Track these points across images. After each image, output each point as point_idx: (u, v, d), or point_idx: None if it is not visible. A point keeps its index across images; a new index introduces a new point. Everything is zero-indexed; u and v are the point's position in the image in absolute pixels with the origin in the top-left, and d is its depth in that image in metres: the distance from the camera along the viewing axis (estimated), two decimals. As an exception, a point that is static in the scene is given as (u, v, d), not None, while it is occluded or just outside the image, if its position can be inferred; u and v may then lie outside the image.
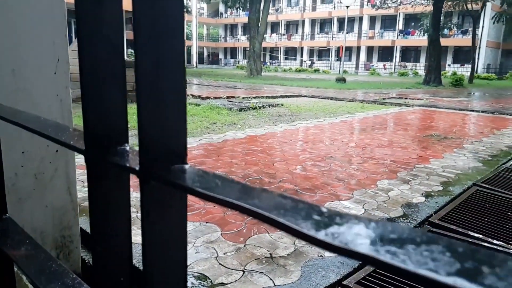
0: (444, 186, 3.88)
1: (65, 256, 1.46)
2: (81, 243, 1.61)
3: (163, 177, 0.44)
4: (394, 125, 7.82)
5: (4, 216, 1.07)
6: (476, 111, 10.57)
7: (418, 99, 13.81)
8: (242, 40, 54.63)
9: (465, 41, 36.50)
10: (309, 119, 8.03)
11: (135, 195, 2.79)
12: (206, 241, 2.56)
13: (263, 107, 9.71)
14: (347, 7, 21.39)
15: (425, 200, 3.45)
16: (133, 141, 0.43)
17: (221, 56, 58.82)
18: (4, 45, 1.22)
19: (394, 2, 25.99)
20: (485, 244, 2.68)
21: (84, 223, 2.30)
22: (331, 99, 12.91)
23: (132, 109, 0.60)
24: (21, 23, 1.25)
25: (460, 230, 2.89)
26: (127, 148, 0.55)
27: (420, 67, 40.16)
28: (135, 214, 2.87)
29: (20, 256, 0.91)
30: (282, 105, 10.42)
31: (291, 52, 51.66)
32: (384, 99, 13.32)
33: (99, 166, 0.53)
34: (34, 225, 1.36)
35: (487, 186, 3.88)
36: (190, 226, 2.74)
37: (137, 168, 0.45)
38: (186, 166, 0.46)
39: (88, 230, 2.49)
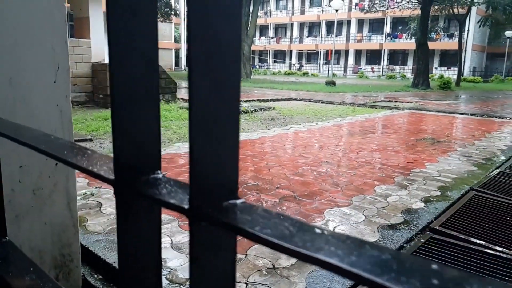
0: (441, 191, 3.86)
1: (64, 276, 1.38)
2: (81, 261, 1.52)
3: (216, 217, 0.37)
4: (386, 129, 7.82)
5: (4, 240, 0.98)
6: (466, 114, 10.67)
7: (407, 102, 13.90)
8: (230, 43, 54.53)
9: (451, 44, 37.02)
10: (301, 123, 8.00)
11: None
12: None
13: (255, 111, 9.65)
14: (337, 10, 21.51)
15: (424, 206, 3.42)
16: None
17: (209, 59, 58.60)
18: (1, 52, 1.14)
19: (382, 6, 26.22)
20: (488, 250, 2.65)
21: (82, 239, 2.21)
22: (322, 103, 12.92)
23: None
24: (19, 28, 1.16)
25: (462, 236, 2.86)
26: (160, 176, 0.48)
27: (408, 70, 40.60)
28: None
29: (23, 286, 0.83)
30: (273, 108, 10.38)
31: (280, 55, 51.79)
32: (374, 102, 13.38)
33: (131, 198, 0.46)
34: (32, 244, 1.27)
35: (484, 190, 3.88)
36: (186, 233, 2.66)
37: (185, 207, 0.38)
38: (239, 202, 0.40)
39: (88, 246, 2.39)
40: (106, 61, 11.25)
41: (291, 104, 12.11)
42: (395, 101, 13.99)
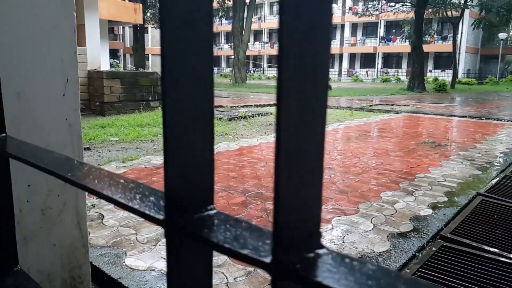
0: (448, 196, 3.81)
1: (74, 300, 1.30)
2: (91, 283, 1.44)
3: (300, 274, 0.31)
4: (386, 133, 7.79)
5: (16, 268, 0.91)
6: (464, 116, 10.67)
7: (404, 105, 13.91)
8: (225, 49, 54.67)
9: (445, 47, 37.27)
10: (301, 128, 7.93)
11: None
12: (214, 264, 2.40)
13: (253, 116, 9.60)
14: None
15: (432, 213, 3.37)
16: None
17: (204, 64, 58.61)
18: (8, 65, 1.06)
19: (376, 9, 26.34)
20: (502, 259, 2.60)
21: (92, 259, 2.12)
22: (319, 107, 12.87)
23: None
24: (26, 40, 1.08)
25: (474, 244, 2.80)
26: (214, 212, 0.42)
27: (402, 73, 40.80)
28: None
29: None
30: (271, 113, 10.32)
31: (274, 60, 51.82)
32: (371, 105, 13.37)
33: (183, 239, 0.40)
34: (41, 267, 1.20)
35: (491, 195, 3.83)
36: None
37: (267, 261, 0.31)
38: (321, 253, 0.33)
39: (91, 261, 2.31)
40: (102, 68, 11.16)
41: (289, 109, 12.04)
42: (392, 105, 13.99)
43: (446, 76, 35.53)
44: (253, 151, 5.69)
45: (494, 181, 4.31)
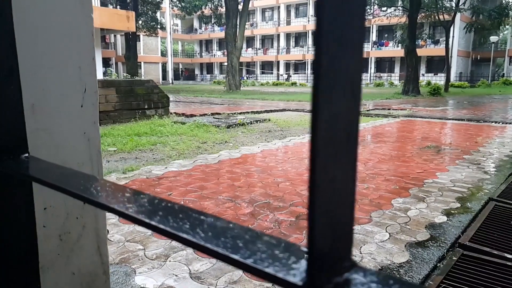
0: (460, 202, 3.72)
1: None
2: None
3: None
4: (387, 138, 7.72)
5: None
6: (462, 120, 10.66)
7: (401, 109, 13.90)
8: (218, 56, 54.69)
9: (437, 50, 37.56)
10: (301, 134, 7.85)
11: None
12: (229, 281, 2.28)
13: (251, 123, 9.49)
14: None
15: (447, 220, 3.27)
16: None
17: (197, 71, 58.61)
18: (22, 76, 0.93)
19: (370, 14, 26.49)
20: (527, 267, 2.50)
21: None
22: (316, 112, 12.81)
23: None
24: (41, 46, 0.96)
25: (495, 252, 2.71)
26: (360, 278, 0.31)
27: (395, 77, 41.02)
28: None
29: None
30: (269, 120, 10.23)
31: (267, 66, 51.97)
32: (368, 110, 13.34)
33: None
34: (59, 299, 1.07)
35: (504, 200, 3.75)
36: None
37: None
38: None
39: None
40: (98, 77, 11.01)
41: (286, 115, 11.99)
42: (389, 109, 13.97)
43: (438, 79, 35.77)
44: (256, 159, 5.58)
45: (504, 185, 4.24)
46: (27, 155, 0.70)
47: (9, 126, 0.69)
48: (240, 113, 11.97)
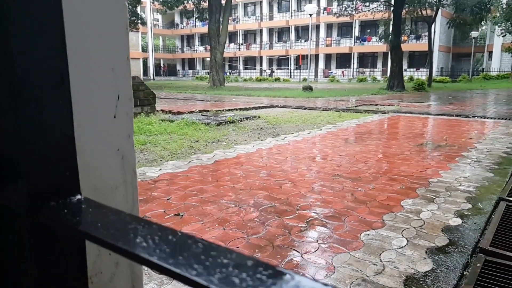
0: (471, 202, 3.61)
1: None
2: None
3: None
4: (381, 134, 7.64)
5: None
6: (451, 115, 10.68)
7: (388, 105, 13.90)
8: (200, 51, 54.08)
9: (418, 46, 37.96)
10: (294, 132, 7.69)
11: None
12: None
13: (241, 121, 9.28)
14: (310, 15, 21.42)
15: (462, 222, 3.15)
16: None
17: (178, 67, 57.85)
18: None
19: (355, 9, 26.47)
20: (556, 274, 2.39)
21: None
22: (305, 109, 12.70)
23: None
24: (73, 47, 0.73)
25: (519, 257, 2.60)
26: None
27: (378, 73, 41.32)
28: None
29: None
30: (258, 117, 10.04)
31: (250, 62, 51.66)
32: (356, 106, 13.29)
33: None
34: None
35: (514, 199, 3.66)
36: None
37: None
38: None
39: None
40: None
41: (275, 111, 11.82)
42: (376, 104, 13.96)
43: (420, 74, 36.18)
44: (253, 158, 5.38)
45: (510, 185, 4.15)
46: (80, 197, 0.50)
47: (57, 154, 0.48)
48: (228, 110, 11.74)
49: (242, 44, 51.71)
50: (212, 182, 4.21)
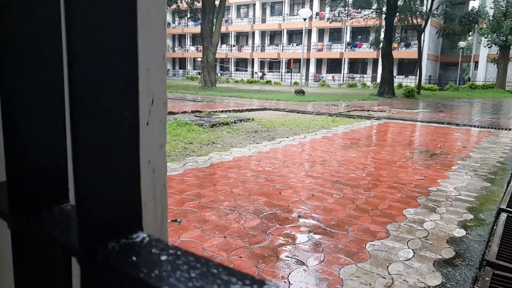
0: (473, 213, 3.58)
1: None
2: None
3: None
4: (376, 141, 7.62)
5: None
6: (442, 123, 10.75)
7: (380, 111, 13.96)
8: (191, 51, 53.81)
9: (408, 53, 38.36)
10: (289, 136, 7.63)
11: None
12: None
13: (235, 122, 9.19)
14: (304, 19, 21.45)
15: (466, 233, 3.12)
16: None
17: (169, 66, 57.46)
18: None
19: (347, 15, 26.62)
20: None
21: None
22: (298, 112, 12.66)
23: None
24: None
25: (526, 271, 2.56)
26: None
27: (368, 79, 41.62)
28: None
29: None
30: (252, 119, 9.96)
31: (242, 64, 51.59)
32: (349, 111, 13.31)
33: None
34: None
35: (514, 211, 3.65)
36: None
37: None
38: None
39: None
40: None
41: (268, 114, 11.75)
42: (368, 110, 14.01)
43: (409, 81, 36.54)
44: (250, 162, 5.30)
45: (508, 195, 4.15)
46: (145, 236, 0.41)
47: (125, 179, 0.39)
48: (222, 111, 11.63)
49: (234, 46, 51.62)
50: (209, 187, 4.11)
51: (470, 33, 29.72)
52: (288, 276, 2.35)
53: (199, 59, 36.81)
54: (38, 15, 0.40)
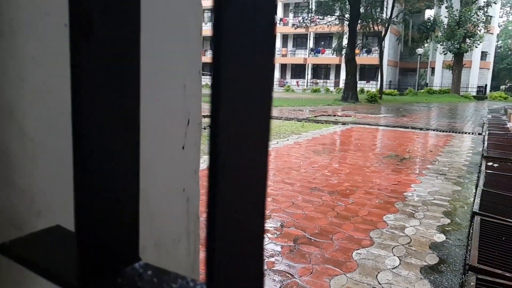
0: (449, 217, 3.67)
1: None
2: None
3: None
4: (346, 146, 7.73)
5: None
6: (406, 127, 11.08)
7: (346, 116, 14.22)
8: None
9: (369, 59, 39.49)
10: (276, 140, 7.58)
11: None
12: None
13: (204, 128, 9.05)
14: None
15: (446, 238, 3.18)
16: None
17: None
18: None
19: (312, 21, 27.06)
20: (546, 291, 2.44)
21: None
22: (266, 118, 12.66)
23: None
24: (147, 62, 0.53)
25: (507, 275, 2.63)
26: None
27: (331, 84, 42.47)
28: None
29: None
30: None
31: (207, 68, 51.22)
32: (316, 116, 13.47)
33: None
34: None
35: (486, 214, 3.76)
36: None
37: None
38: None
39: None
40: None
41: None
42: (334, 115, 14.24)
43: (370, 86, 37.60)
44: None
45: (478, 198, 4.28)
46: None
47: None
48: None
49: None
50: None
51: (427, 40, 30.99)
52: (279, 290, 2.29)
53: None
54: (120, 44, 0.32)
